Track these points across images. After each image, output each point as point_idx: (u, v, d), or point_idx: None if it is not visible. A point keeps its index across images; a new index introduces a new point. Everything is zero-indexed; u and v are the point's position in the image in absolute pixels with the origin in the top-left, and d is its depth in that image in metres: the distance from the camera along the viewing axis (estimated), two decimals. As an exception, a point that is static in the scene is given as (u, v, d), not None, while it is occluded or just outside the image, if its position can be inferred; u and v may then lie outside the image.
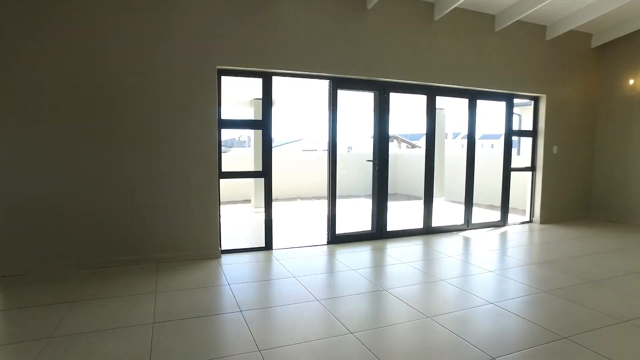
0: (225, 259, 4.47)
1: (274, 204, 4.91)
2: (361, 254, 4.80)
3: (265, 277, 3.92)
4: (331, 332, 2.72)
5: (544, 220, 6.65)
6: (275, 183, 4.91)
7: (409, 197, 10.20)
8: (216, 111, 4.40)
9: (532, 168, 6.66)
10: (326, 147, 5.19)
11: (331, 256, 4.68)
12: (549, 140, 6.57)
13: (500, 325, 2.87)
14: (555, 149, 6.64)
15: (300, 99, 8.96)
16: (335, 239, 5.22)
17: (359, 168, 10.17)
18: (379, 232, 5.48)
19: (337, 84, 5.04)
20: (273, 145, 5.02)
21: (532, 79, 6.30)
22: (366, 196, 8.54)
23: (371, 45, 5.08)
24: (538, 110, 6.59)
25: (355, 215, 7.65)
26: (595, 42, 6.77)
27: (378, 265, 4.36)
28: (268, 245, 4.87)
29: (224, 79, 4.56)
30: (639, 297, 3.40)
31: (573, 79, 6.75)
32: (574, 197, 7.02)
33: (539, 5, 5.22)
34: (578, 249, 5.01)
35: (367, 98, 6.08)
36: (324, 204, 5.23)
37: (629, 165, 6.65)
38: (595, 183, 7.17)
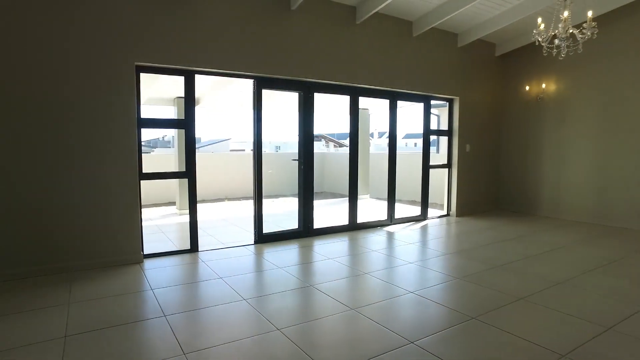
0: (148, 263, 4.28)
1: (200, 205, 4.80)
2: (288, 252, 4.85)
3: (190, 280, 3.82)
4: (259, 330, 2.73)
5: (460, 213, 7.19)
6: (201, 184, 4.79)
7: (336, 195, 10.46)
8: (135, 110, 4.19)
9: (448, 165, 7.17)
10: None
11: (258, 255, 4.68)
12: (463, 139, 7.12)
13: (419, 312, 3.07)
14: (468, 147, 7.21)
15: (228, 97, 8.80)
16: (263, 238, 5.22)
17: (287, 167, 10.23)
18: (305, 230, 5.58)
19: (261, 84, 5.04)
20: (200, 145, 4.90)
21: (446, 81, 6.78)
22: (295, 195, 8.62)
23: (295, 45, 5.15)
24: (452, 111, 7.11)
25: (284, 214, 7.70)
26: (499, 51, 7.46)
27: (305, 262, 4.44)
28: (194, 248, 4.74)
29: (144, 76, 4.36)
30: (533, 277, 3.83)
31: (481, 83, 7.37)
32: (485, 191, 7.67)
33: (449, 15, 5.64)
34: (487, 238, 5.49)
35: (297, 98, 6.12)
36: (251, 204, 5.21)
37: (528, 162, 7.42)
38: (501, 178, 7.90)
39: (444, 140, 7.33)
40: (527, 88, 7.30)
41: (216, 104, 9.47)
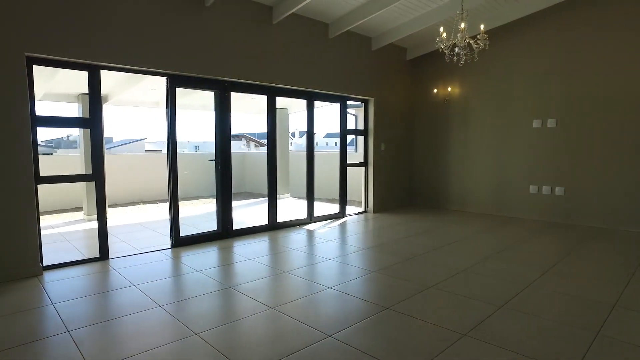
0: (49, 275, 3.91)
1: (112, 209, 4.50)
2: (207, 254, 4.73)
3: (99, 290, 3.57)
4: (175, 337, 2.64)
5: (377, 209, 7.53)
6: (113, 187, 4.49)
7: (256, 195, 10.39)
8: (28, 106, 3.79)
9: (365, 163, 7.47)
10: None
11: (176, 259, 4.50)
12: (378, 139, 7.46)
13: (337, 306, 3.18)
14: (383, 146, 7.57)
15: (141, 95, 8.32)
16: (180, 241, 5.03)
17: (206, 168, 9.94)
18: (225, 232, 5.48)
19: (175, 82, 4.85)
20: (111, 145, 4.58)
21: (362, 83, 7.06)
22: (214, 196, 8.41)
23: (211, 43, 5.03)
24: (368, 111, 7.42)
25: (203, 215, 7.47)
26: (410, 56, 7.94)
27: (224, 264, 4.36)
28: (103, 255, 4.43)
29: (39, 69, 3.97)
30: (440, 266, 4.15)
31: (395, 85, 7.78)
32: (400, 188, 8.12)
33: (363, 20, 5.89)
34: (401, 232, 5.82)
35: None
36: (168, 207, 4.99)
37: (438, 160, 7.99)
38: (414, 175, 8.41)
39: (361, 139, 7.63)
40: (435, 91, 7.85)
41: (128, 101, 8.91)
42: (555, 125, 6.44)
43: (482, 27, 4.37)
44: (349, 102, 7.17)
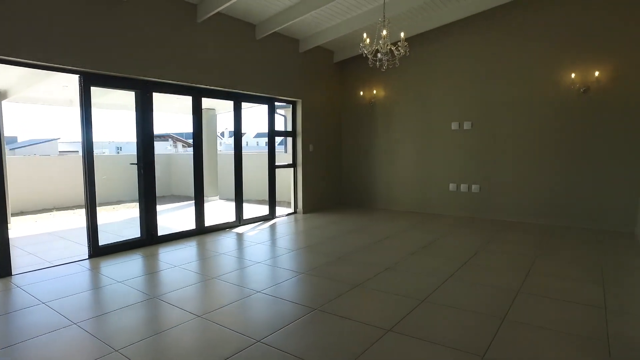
0: (-61, 296, 3.46)
1: (18, 218, 4.07)
2: (129, 263, 4.47)
3: None
4: (94, 356, 2.46)
5: (306, 210, 7.60)
6: (19, 192, 4.05)
7: (183, 199, 10.01)
8: None
9: (294, 165, 7.51)
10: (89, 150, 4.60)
11: (94, 271, 4.20)
12: (306, 140, 7.54)
13: (266, 311, 3.17)
14: (311, 147, 7.66)
15: (52, 92, 7.63)
16: (99, 251, 4.70)
17: (128, 171, 9.37)
18: (149, 238, 5.22)
19: (89, 80, 4.52)
20: (15, 145, 4.14)
21: (289, 85, 7.08)
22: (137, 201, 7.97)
23: (130, 41, 4.75)
24: (296, 113, 7.47)
25: (126, 222, 7.05)
26: (337, 59, 8.11)
27: (148, 273, 4.15)
28: (4, 271, 4.00)
29: None
30: (368, 264, 4.30)
31: (322, 87, 7.91)
32: (329, 188, 8.26)
33: (289, 22, 5.92)
34: (330, 232, 5.93)
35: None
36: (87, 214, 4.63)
37: (366, 160, 8.26)
38: (343, 176, 8.62)
39: (290, 140, 7.66)
40: (362, 93, 8.10)
41: (37, 98, 8.13)
42: (470, 128, 6.94)
43: (402, 34, 4.59)
44: (279, 103, 7.16)
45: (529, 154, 6.43)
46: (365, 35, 4.55)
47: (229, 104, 6.48)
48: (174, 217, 7.34)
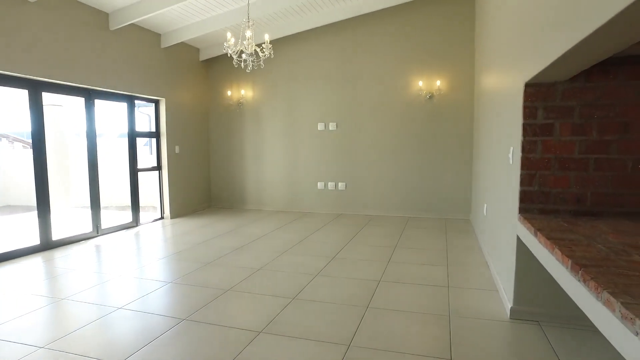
0: None
1: None
2: (-51, 292, 3.68)
3: None
4: None
5: (174, 214, 7.20)
6: None
7: (24, 209, 8.62)
8: None
9: (159, 167, 7.05)
10: None
11: None
12: (172, 141, 7.13)
13: (129, 328, 2.91)
14: (177, 149, 7.27)
15: None
16: None
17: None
18: (-23, 260, 4.37)
19: None
20: None
21: (151, 82, 6.61)
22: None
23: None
24: (159, 112, 7.01)
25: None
26: (202, 57, 7.83)
27: (-24, 302, 3.48)
28: None
29: None
30: (238, 268, 4.27)
31: (188, 85, 7.56)
32: (198, 191, 7.95)
33: (146, 15, 5.52)
34: (200, 237, 5.72)
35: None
36: None
37: (235, 161, 8.15)
38: (213, 177, 8.38)
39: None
40: (229, 93, 7.97)
41: None
42: (335, 128, 7.36)
43: (267, 36, 4.65)
44: (140, 101, 6.63)
45: (388, 152, 7.09)
46: (229, 35, 4.49)
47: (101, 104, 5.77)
48: (11, 231, 6.26)
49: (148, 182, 7.34)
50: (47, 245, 5.11)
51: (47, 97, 5.29)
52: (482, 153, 5.25)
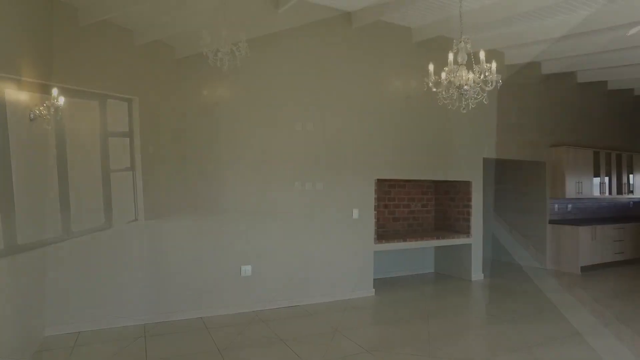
0: None
1: None
2: None
3: None
4: None
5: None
6: None
7: None
8: None
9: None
10: None
11: None
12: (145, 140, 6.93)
13: None
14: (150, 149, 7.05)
15: None
16: None
17: None
18: None
19: None
20: None
21: (124, 81, 6.44)
22: None
23: None
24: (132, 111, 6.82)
25: None
26: (178, 55, 7.62)
27: None
28: None
29: None
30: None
31: (163, 85, 7.32)
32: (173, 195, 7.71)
33: (117, 13, 5.37)
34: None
35: None
36: None
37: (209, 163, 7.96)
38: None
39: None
40: (205, 93, 7.78)
41: None
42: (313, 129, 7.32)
43: (243, 36, 4.57)
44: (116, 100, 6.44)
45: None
46: (205, 33, 4.41)
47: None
48: None
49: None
50: None
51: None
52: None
